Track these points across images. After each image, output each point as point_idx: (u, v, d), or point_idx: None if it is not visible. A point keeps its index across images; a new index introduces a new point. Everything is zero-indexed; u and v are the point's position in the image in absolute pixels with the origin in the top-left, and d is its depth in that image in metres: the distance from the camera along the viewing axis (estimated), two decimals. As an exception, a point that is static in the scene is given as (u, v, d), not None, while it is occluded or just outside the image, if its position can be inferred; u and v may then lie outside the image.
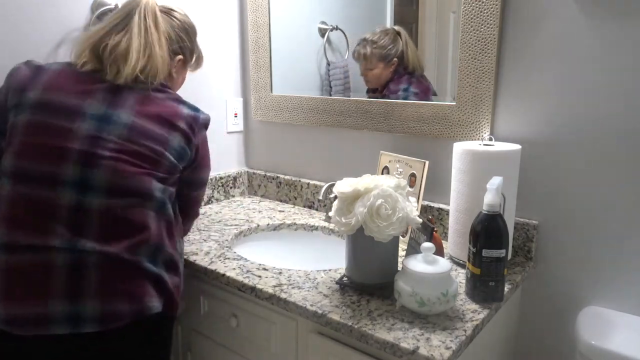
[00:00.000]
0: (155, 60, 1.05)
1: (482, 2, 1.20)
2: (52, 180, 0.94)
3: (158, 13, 1.08)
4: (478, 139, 1.27)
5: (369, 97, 1.47)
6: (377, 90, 1.47)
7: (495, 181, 0.99)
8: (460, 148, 1.16)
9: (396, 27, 1.40)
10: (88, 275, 0.93)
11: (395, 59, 1.40)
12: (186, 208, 1.17)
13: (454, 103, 1.29)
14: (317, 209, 1.64)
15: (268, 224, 1.50)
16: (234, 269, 1.17)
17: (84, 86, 1.01)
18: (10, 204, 0.94)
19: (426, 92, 1.39)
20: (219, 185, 1.73)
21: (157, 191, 1.01)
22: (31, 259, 0.92)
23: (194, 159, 1.10)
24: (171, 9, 1.14)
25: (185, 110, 1.07)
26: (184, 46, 1.15)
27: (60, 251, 0.92)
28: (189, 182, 1.13)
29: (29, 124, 0.96)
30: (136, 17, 1.04)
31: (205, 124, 1.12)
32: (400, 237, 1.25)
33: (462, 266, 1.17)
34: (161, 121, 1.03)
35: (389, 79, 1.43)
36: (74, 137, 0.96)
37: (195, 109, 1.10)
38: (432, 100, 1.36)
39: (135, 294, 0.97)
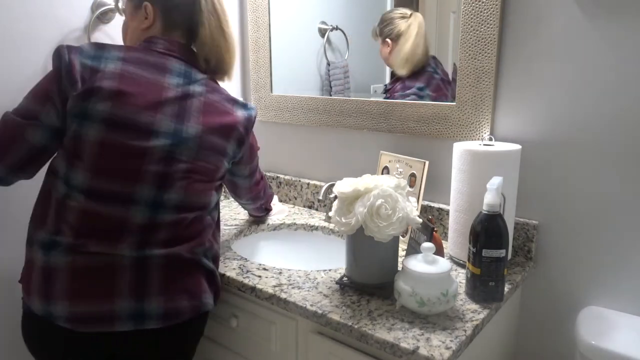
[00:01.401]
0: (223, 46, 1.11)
1: (482, 2, 1.19)
2: (127, 200, 0.96)
3: None
4: (478, 139, 1.27)
5: (387, 97, 1.46)
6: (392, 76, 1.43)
7: (495, 181, 0.99)
8: (460, 148, 1.16)
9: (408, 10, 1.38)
10: (152, 274, 0.97)
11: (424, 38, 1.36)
12: (242, 193, 1.28)
13: (454, 103, 1.29)
14: (317, 209, 1.64)
15: (268, 224, 1.50)
16: (234, 269, 1.17)
17: (154, 91, 0.98)
18: (82, 216, 0.95)
19: (440, 97, 1.35)
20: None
21: (213, 200, 1.08)
22: (98, 260, 0.95)
23: (246, 157, 1.17)
24: None
25: (240, 113, 1.09)
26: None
27: (128, 257, 0.96)
28: (240, 174, 1.21)
29: (103, 144, 0.94)
30: None
31: (254, 121, 1.15)
32: (400, 237, 1.25)
33: (462, 266, 1.17)
34: (222, 132, 1.06)
35: (416, 68, 1.37)
36: (149, 158, 0.97)
37: (245, 106, 1.12)
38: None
39: (194, 291, 1.02)
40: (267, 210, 1.51)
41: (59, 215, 0.96)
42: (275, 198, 1.62)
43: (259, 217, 1.51)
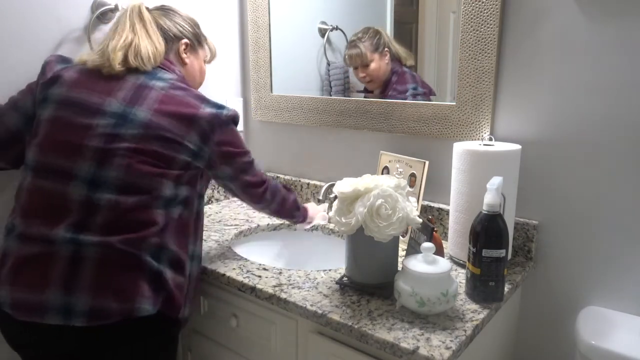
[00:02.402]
0: (140, 46, 1.09)
1: (482, 2, 1.19)
2: (67, 175, 0.98)
3: (143, 9, 1.13)
4: (478, 139, 1.27)
5: (366, 97, 1.47)
6: (376, 92, 1.47)
7: (495, 181, 0.99)
8: (460, 148, 1.16)
9: (376, 27, 1.44)
10: (85, 267, 0.94)
11: (386, 49, 1.42)
12: (240, 197, 1.22)
13: (454, 103, 1.29)
14: (317, 209, 1.64)
15: (268, 224, 1.50)
16: (234, 269, 1.17)
17: (106, 84, 1.05)
18: (29, 195, 1.00)
19: (431, 90, 1.39)
20: (219, 185, 1.73)
21: (168, 190, 1.02)
22: (39, 249, 0.95)
23: (216, 157, 1.09)
24: (163, 6, 1.21)
25: (207, 110, 1.07)
26: (185, 31, 1.19)
27: (65, 243, 0.95)
28: (223, 177, 1.14)
29: (53, 120, 1.02)
30: (123, 17, 1.12)
31: (229, 120, 1.11)
32: (400, 237, 1.25)
33: (462, 266, 1.17)
34: (179, 119, 1.04)
35: (389, 75, 1.43)
36: (92, 134, 0.99)
37: (217, 106, 1.10)
38: (427, 99, 1.37)
39: (128, 293, 0.96)
40: (294, 216, 1.33)
41: (17, 198, 1.02)
42: (312, 204, 1.48)
43: (291, 222, 1.39)
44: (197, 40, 1.23)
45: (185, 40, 1.19)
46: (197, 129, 1.05)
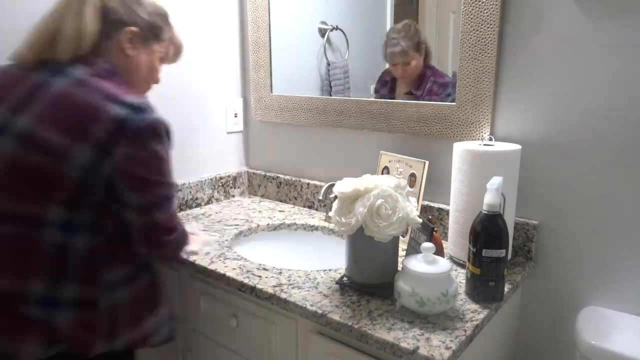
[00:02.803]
0: (64, 29, 0.88)
1: (482, 2, 1.19)
2: None
3: None
4: (478, 139, 1.27)
5: (407, 98, 1.41)
6: (410, 93, 1.42)
7: (495, 181, 0.99)
8: (460, 148, 1.16)
9: (407, 21, 1.40)
10: None
11: (423, 45, 1.38)
12: (132, 238, 0.93)
13: (454, 103, 1.29)
14: (317, 209, 1.64)
15: (268, 224, 1.50)
16: (234, 269, 1.17)
17: (5, 86, 0.89)
18: None
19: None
20: (219, 185, 1.73)
21: (57, 217, 0.84)
22: None
23: (118, 177, 0.86)
24: None
25: (111, 113, 0.83)
26: (137, 18, 0.97)
27: None
28: (122, 203, 0.89)
29: None
30: None
31: (145, 131, 0.85)
32: (400, 237, 1.25)
33: (462, 266, 1.17)
34: (67, 127, 0.83)
35: (422, 70, 1.39)
36: None
37: (136, 109, 0.85)
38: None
39: (9, 336, 0.84)
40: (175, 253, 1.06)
41: None
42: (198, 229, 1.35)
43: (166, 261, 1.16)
44: (152, 32, 1.00)
45: (132, 28, 0.96)
46: (90, 137, 0.83)
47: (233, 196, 1.79)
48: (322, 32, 1.56)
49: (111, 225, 0.91)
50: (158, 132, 0.88)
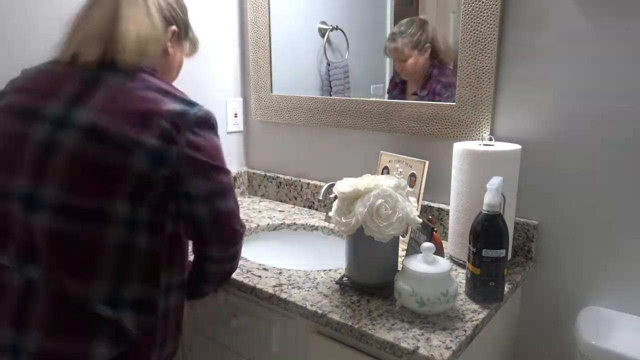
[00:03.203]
0: (122, 31, 0.87)
1: (482, 2, 1.19)
2: (5, 194, 0.83)
3: None
4: (478, 139, 1.27)
5: (414, 99, 1.40)
6: (416, 94, 1.41)
7: (495, 181, 0.99)
8: (460, 148, 1.16)
9: (422, 16, 1.38)
10: (36, 302, 0.82)
11: (428, 44, 1.37)
12: (198, 233, 0.93)
13: (454, 103, 1.29)
14: (317, 209, 1.64)
15: (268, 224, 1.50)
16: (234, 269, 1.17)
17: (55, 80, 0.88)
18: None
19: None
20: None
21: (121, 213, 0.82)
22: None
23: (185, 163, 0.86)
24: None
25: (171, 106, 0.86)
26: (176, 15, 0.98)
27: (12, 271, 0.83)
28: (188, 197, 0.89)
29: None
30: None
31: (202, 121, 0.88)
32: (400, 237, 1.25)
33: (462, 266, 1.17)
34: (130, 119, 0.82)
35: (429, 69, 1.38)
36: (26, 144, 0.83)
37: (188, 103, 0.89)
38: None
39: (81, 336, 0.84)
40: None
41: None
42: None
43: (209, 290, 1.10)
44: (185, 29, 1.02)
45: (174, 28, 0.97)
46: (155, 127, 0.83)
47: (233, 196, 1.79)
48: (322, 32, 1.56)
49: (170, 226, 0.90)
50: (212, 123, 0.91)
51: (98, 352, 0.84)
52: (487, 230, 0.98)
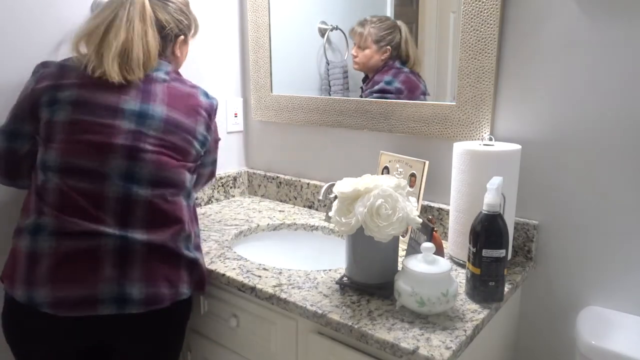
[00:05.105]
0: (133, 52, 1.04)
1: (482, 2, 1.19)
2: (101, 174, 1.00)
3: (147, 5, 1.08)
4: (478, 139, 1.27)
5: (366, 94, 1.46)
6: (366, 79, 1.48)
7: (495, 181, 0.99)
8: (460, 148, 1.16)
9: (398, 21, 1.41)
10: (134, 260, 1.00)
11: (388, 47, 1.41)
12: (201, 183, 1.27)
13: (454, 103, 1.29)
14: (317, 209, 1.64)
15: (268, 224, 1.50)
16: (234, 269, 1.17)
17: (109, 85, 1.04)
18: (60, 195, 0.99)
19: (413, 90, 1.39)
20: (219, 185, 1.73)
21: (188, 181, 1.10)
22: (81, 244, 0.97)
23: (210, 144, 1.18)
24: None
25: (202, 99, 1.14)
26: (184, 26, 1.18)
27: (110, 237, 0.99)
28: (204, 164, 1.21)
29: (73, 122, 1.01)
30: (121, 13, 1.05)
31: (216, 109, 1.20)
32: (400, 237, 1.25)
33: (462, 266, 1.17)
34: (188, 112, 1.10)
35: (378, 68, 1.43)
36: (117, 133, 1.01)
37: (207, 95, 1.17)
38: (420, 100, 1.37)
39: (173, 280, 1.05)
40: None
41: (40, 199, 1.00)
42: None
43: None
44: (189, 30, 1.21)
45: (182, 37, 1.18)
46: (201, 119, 1.12)
47: (233, 196, 1.79)
48: (322, 32, 1.56)
49: (193, 194, 1.18)
50: (217, 110, 1.21)
51: (183, 288, 1.06)
52: (487, 230, 0.98)
